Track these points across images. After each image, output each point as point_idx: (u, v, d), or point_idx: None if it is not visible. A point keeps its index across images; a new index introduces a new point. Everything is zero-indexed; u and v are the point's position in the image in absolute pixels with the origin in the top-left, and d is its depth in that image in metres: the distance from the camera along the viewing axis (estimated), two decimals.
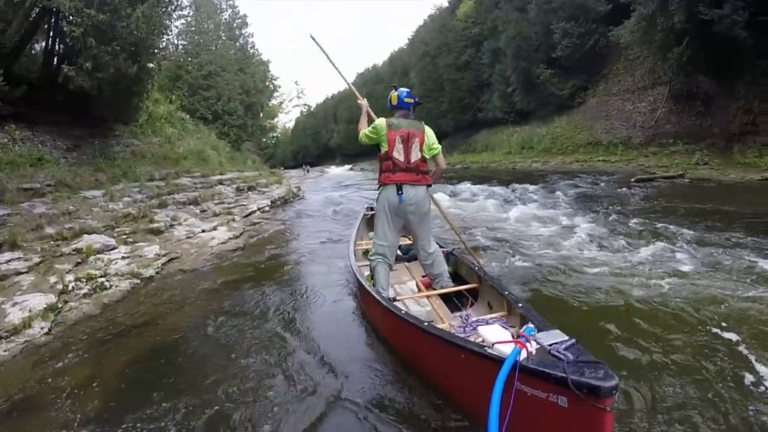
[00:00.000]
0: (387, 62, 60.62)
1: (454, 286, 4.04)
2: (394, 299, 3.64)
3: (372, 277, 4.05)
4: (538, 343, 2.16)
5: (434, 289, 4.07)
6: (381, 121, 3.93)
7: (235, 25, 25.78)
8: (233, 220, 9.77)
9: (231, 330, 4.09)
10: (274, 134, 36.69)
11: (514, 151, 31.18)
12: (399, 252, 4.94)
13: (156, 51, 9.85)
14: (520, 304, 3.08)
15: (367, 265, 4.33)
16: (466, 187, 15.17)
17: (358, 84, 68.37)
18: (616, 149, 22.06)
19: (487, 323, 3.03)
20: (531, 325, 2.31)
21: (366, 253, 5.21)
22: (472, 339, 2.67)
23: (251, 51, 25.96)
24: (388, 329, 3.56)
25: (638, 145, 21.04)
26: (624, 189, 12.76)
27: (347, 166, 55.32)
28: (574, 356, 2.00)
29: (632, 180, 14.40)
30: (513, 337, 2.39)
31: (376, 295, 3.56)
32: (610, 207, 9.52)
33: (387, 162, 3.89)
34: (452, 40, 39.08)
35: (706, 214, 8.16)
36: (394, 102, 4.06)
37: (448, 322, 3.52)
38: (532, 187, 13.83)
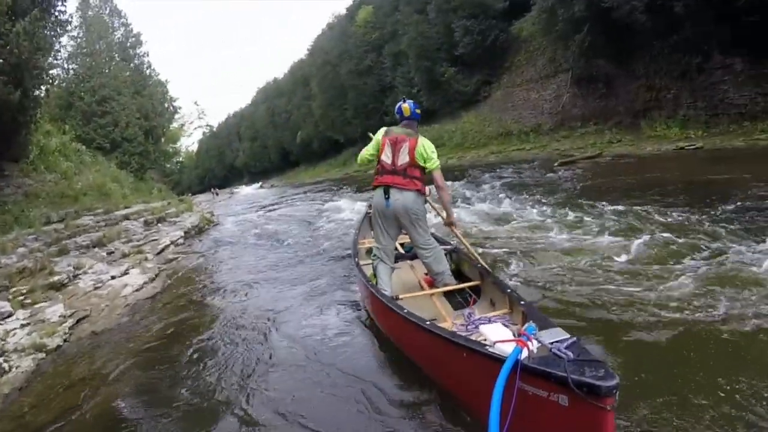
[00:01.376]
0: (288, 74, 59.58)
1: (456, 284, 4.04)
2: (397, 297, 3.63)
3: (375, 275, 4.15)
4: (539, 342, 2.14)
5: (437, 287, 4.08)
6: (381, 131, 4.09)
7: (129, 44, 23.89)
8: (146, 259, 8.55)
9: (177, 406, 3.21)
10: (178, 159, 34.44)
11: None
12: (402, 250, 5.13)
13: (42, 74, 8.52)
14: (522, 302, 3.08)
15: (370, 264, 4.39)
16: None
17: (260, 100, 66.93)
18: (528, 137, 22.64)
19: (490, 321, 3.08)
20: (532, 324, 2.28)
21: (369, 251, 5.17)
22: (473, 337, 2.68)
23: (147, 71, 24.19)
24: (390, 327, 3.60)
25: (548, 130, 21.74)
26: (551, 174, 12.82)
27: (257, 185, 53.55)
28: (575, 355, 1.98)
29: (555, 164, 14.58)
30: (514, 335, 2.38)
31: (378, 294, 3.61)
32: (550, 194, 9.40)
33: (378, 165, 4.03)
34: (353, 46, 38.95)
35: (644, 186, 8.41)
36: (407, 114, 4.10)
37: (450, 320, 3.50)
38: (457, 183, 13.51)
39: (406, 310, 3.16)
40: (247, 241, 10.27)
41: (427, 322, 2.89)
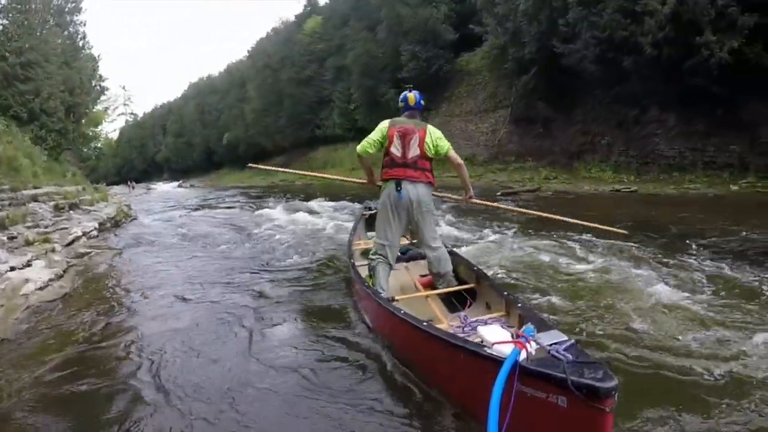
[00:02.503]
0: (224, 73, 57.94)
1: (455, 286, 4.04)
2: (393, 299, 3.56)
3: (371, 276, 4.08)
4: (537, 344, 2.15)
5: (433, 289, 4.10)
6: (385, 122, 4.05)
7: (66, 9, 21.42)
8: (53, 250, 7.27)
9: None
10: (98, 144, 31.50)
11: (358, 168, 31.11)
12: (398, 252, 4.83)
13: None
14: (519, 305, 3.13)
15: (365, 265, 4.33)
16: (320, 204, 13.78)
17: (191, 94, 64.38)
18: None
19: (487, 323, 3.03)
20: (530, 326, 2.27)
21: (364, 253, 5.18)
22: (471, 339, 2.66)
23: (80, 42, 21.84)
24: (386, 329, 3.55)
25: (483, 162, 22.45)
26: (496, 203, 12.89)
27: (176, 183, 50.94)
28: (574, 357, 2.00)
29: (498, 194, 14.85)
30: (512, 337, 2.37)
31: (374, 295, 3.56)
32: (501, 220, 9.38)
33: (386, 158, 4.00)
34: (296, 54, 38.78)
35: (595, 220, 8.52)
36: (412, 103, 4.12)
37: (446, 322, 3.48)
38: None
39: (402, 311, 3.11)
40: (171, 242, 9.19)
41: (425, 323, 2.86)
